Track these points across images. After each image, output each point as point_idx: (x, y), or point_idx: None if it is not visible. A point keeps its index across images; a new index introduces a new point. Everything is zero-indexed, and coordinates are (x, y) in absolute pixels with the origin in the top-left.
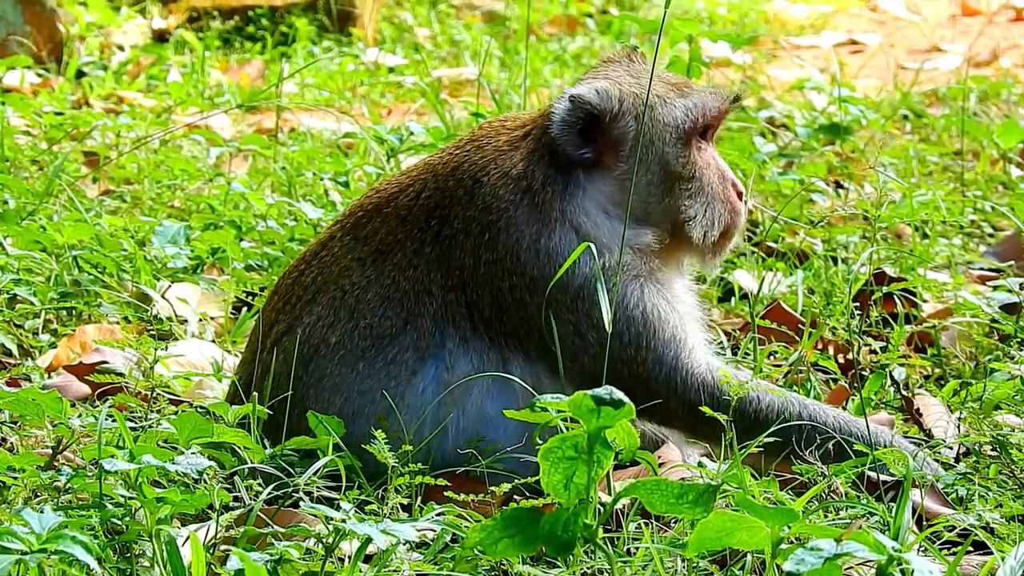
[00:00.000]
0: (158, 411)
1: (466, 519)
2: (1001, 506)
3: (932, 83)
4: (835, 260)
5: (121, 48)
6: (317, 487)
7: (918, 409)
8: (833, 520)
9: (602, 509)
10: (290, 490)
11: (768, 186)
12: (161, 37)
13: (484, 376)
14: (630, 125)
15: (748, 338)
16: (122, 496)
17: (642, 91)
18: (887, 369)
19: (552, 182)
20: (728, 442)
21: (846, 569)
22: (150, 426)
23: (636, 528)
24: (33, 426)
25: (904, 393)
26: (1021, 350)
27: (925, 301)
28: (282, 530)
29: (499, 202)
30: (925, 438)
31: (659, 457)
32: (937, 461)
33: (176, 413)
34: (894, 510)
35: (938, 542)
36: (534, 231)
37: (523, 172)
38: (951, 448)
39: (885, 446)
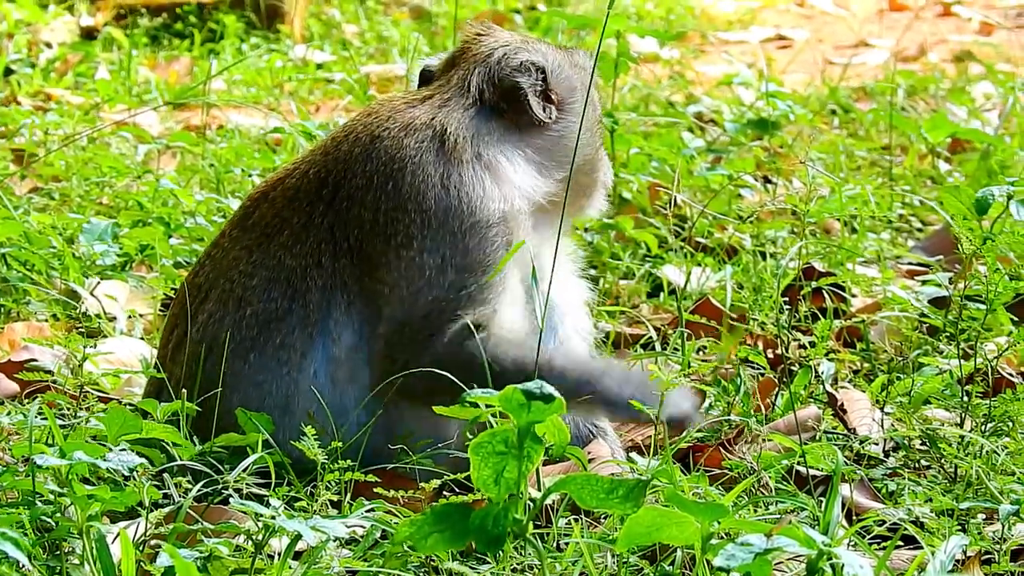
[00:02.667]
0: (87, 408)
1: (396, 515)
2: (931, 500)
3: (860, 78)
4: (764, 255)
5: (49, 45)
6: (247, 484)
7: (842, 405)
8: (763, 515)
9: (532, 504)
10: (220, 487)
11: (696, 181)
12: (89, 34)
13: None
14: (574, 78)
15: (677, 333)
16: (52, 493)
17: (544, 50)
18: (813, 364)
19: (463, 129)
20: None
21: (776, 564)
22: (79, 423)
23: (567, 524)
24: None
25: (828, 389)
26: (950, 344)
27: (854, 296)
28: (212, 527)
29: (404, 151)
30: (849, 433)
31: (589, 453)
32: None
33: (105, 410)
34: (824, 505)
35: (868, 536)
36: (443, 170)
37: (428, 122)
38: (877, 444)
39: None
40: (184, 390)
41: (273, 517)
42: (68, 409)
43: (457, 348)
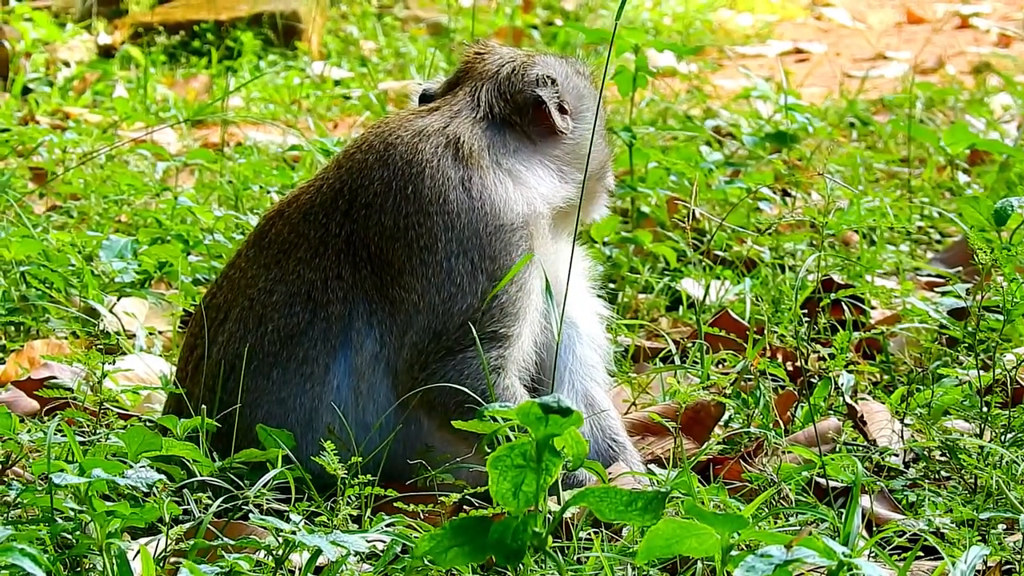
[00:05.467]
0: (107, 425)
1: (416, 529)
2: (951, 511)
3: (878, 91)
4: (783, 268)
5: (67, 64)
6: (267, 499)
7: (862, 416)
8: (783, 526)
9: (551, 517)
10: (240, 503)
11: (715, 195)
12: (107, 53)
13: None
14: (580, 85)
15: (696, 346)
16: (72, 510)
17: (552, 62)
18: (833, 376)
19: (477, 139)
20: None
21: (796, 575)
22: (99, 440)
23: (586, 537)
24: None
25: (848, 400)
26: (969, 355)
27: (873, 308)
28: (232, 542)
29: (420, 155)
30: (870, 445)
31: (610, 473)
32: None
33: (125, 427)
34: (844, 516)
35: (888, 547)
36: (462, 174)
37: (440, 130)
38: (896, 455)
39: None
40: (204, 406)
41: (293, 532)
42: (88, 426)
43: (476, 373)
